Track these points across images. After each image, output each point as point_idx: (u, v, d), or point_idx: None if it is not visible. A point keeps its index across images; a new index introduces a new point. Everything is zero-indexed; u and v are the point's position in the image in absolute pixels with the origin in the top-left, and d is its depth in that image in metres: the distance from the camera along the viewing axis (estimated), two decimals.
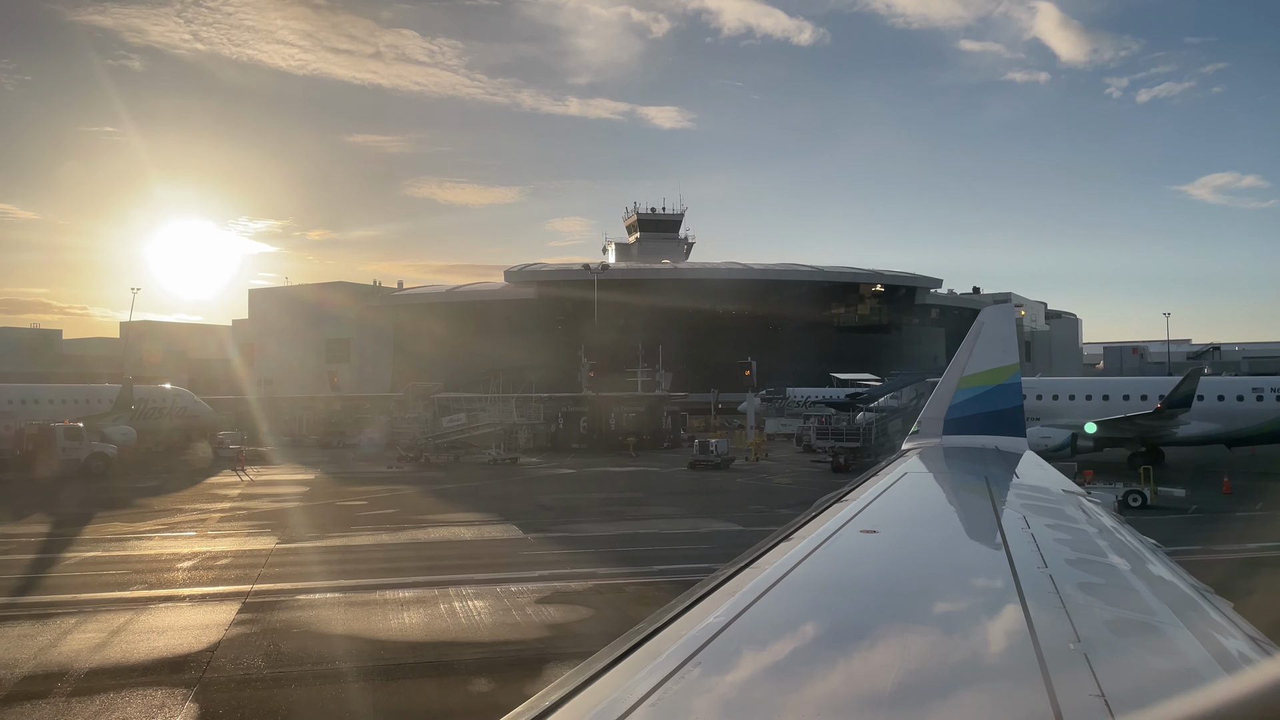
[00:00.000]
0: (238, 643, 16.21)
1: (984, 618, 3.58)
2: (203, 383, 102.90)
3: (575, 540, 27.56)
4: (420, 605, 19.10)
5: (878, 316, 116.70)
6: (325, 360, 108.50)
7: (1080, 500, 6.87)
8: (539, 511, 34.17)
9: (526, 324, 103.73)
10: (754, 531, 29.95)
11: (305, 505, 36.21)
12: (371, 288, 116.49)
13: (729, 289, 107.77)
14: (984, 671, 2.95)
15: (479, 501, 37.08)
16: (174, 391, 64.72)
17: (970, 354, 10.67)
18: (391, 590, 20.53)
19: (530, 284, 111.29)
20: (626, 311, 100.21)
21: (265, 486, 43.34)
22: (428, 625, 17.48)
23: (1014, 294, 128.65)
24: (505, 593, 20.12)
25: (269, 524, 30.76)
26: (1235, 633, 3.46)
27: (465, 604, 19.11)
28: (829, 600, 3.86)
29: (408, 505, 35.98)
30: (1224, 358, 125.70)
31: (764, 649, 3.11)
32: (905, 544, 5.34)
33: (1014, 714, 2.53)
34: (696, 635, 3.05)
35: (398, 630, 17.12)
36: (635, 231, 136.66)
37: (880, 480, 7.39)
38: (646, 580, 21.76)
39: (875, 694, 2.67)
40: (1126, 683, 2.66)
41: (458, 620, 17.82)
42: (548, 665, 14.83)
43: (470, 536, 28.34)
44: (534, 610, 18.60)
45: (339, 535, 28.41)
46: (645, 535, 28.55)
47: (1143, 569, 4.59)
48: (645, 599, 19.94)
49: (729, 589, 3.71)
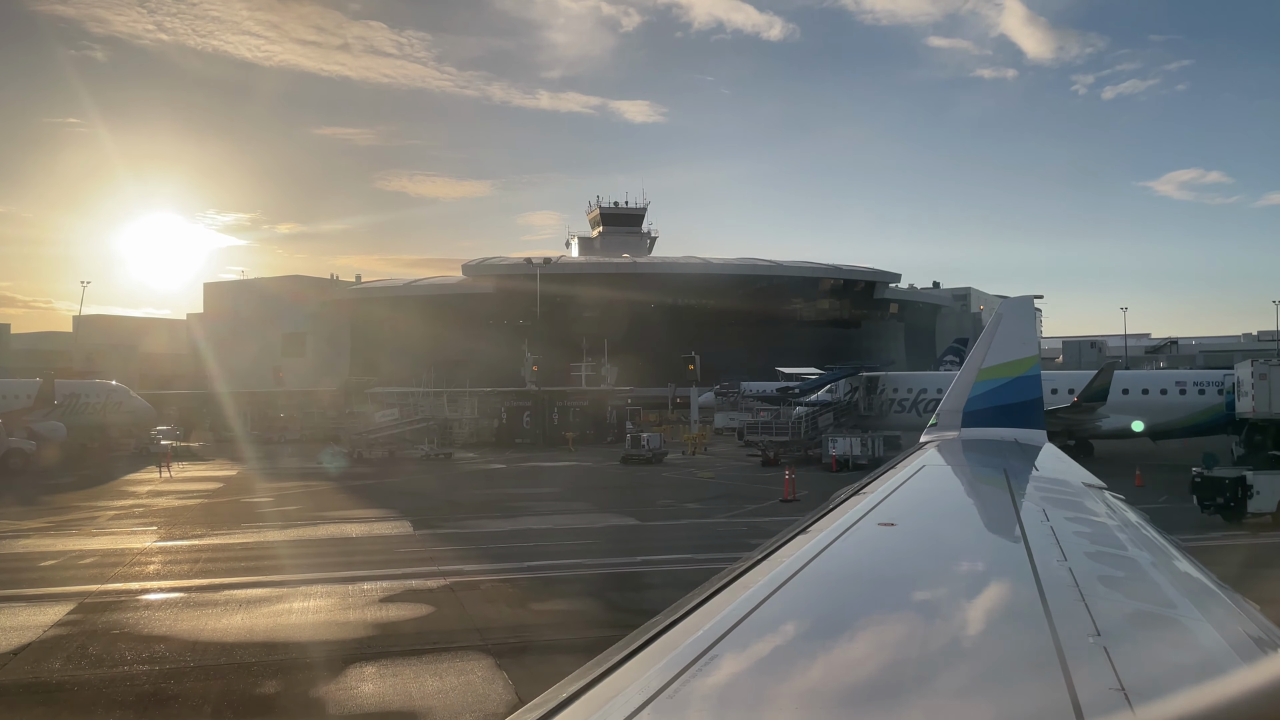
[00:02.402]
0: (47, 645, 15.85)
1: (1002, 611, 3.58)
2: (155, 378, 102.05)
3: (461, 537, 27.32)
4: (259, 605, 18.80)
5: (837, 311, 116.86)
6: (281, 354, 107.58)
7: (1100, 494, 6.81)
8: (444, 507, 33.91)
9: (484, 318, 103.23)
10: (648, 526, 29.89)
11: (208, 502, 35.76)
12: (329, 281, 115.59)
13: (687, 283, 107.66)
14: (1003, 665, 2.93)
15: (388, 498, 36.74)
16: (108, 387, 63.79)
17: (989, 346, 10.48)
18: (241, 590, 20.22)
19: (488, 278, 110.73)
20: (582, 305, 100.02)
21: (180, 484, 42.77)
22: (252, 626, 17.17)
23: (973, 289, 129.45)
24: (355, 591, 19.83)
25: (158, 522, 30.33)
26: (1256, 628, 3.41)
27: (306, 603, 18.83)
28: (847, 593, 3.89)
29: (313, 502, 35.60)
30: (1181, 351, 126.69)
31: (781, 642, 3.12)
32: (923, 537, 5.35)
33: (1033, 707, 2.51)
34: (713, 628, 3.02)
35: (219, 631, 16.80)
36: (598, 225, 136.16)
37: (898, 473, 7.31)
38: (508, 577, 21.51)
39: (893, 687, 2.69)
40: (1146, 676, 2.63)
41: (287, 620, 17.53)
42: (352, 666, 14.58)
43: (356, 534, 28.01)
44: (371, 610, 18.32)
45: (221, 534, 28.01)
46: (535, 531, 28.30)
47: (1163, 563, 4.54)
48: (497, 597, 19.74)
49: (745, 582, 3.72)
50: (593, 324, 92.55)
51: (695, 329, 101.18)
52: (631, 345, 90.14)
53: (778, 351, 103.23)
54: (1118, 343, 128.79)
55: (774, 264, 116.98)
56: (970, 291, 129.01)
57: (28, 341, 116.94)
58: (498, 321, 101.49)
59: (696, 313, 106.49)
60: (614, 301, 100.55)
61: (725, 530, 28.65)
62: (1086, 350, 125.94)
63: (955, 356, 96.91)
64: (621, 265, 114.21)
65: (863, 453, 48.03)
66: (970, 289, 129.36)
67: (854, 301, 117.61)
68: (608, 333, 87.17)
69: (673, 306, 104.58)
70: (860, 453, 48.01)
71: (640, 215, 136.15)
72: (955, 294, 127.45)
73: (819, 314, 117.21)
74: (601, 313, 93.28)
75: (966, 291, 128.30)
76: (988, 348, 10.47)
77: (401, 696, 13.33)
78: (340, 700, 13.20)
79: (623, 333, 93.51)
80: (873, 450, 48.69)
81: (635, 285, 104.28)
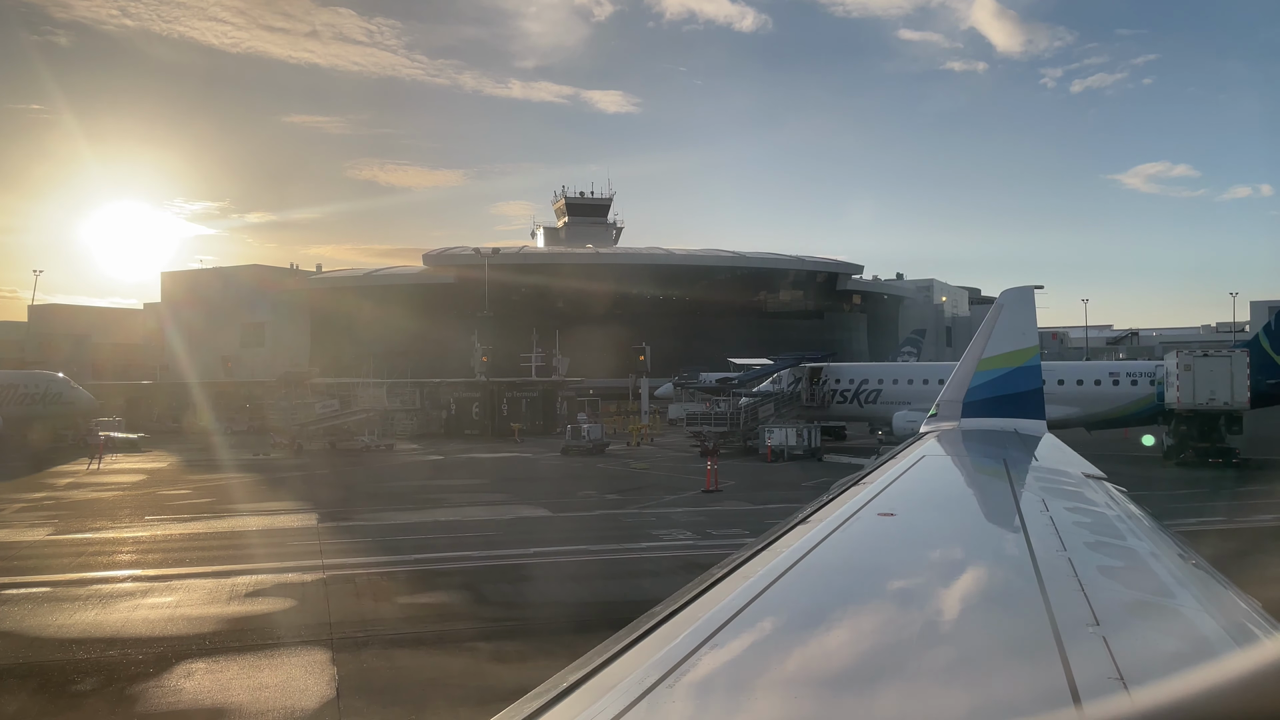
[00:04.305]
0: None
1: (1002, 600, 3.60)
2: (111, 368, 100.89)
3: (362, 529, 27.07)
4: (119, 600, 18.56)
5: (800, 303, 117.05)
6: (240, 345, 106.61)
7: (1100, 485, 6.76)
8: (360, 499, 33.64)
9: (443, 308, 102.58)
10: (558, 518, 29.77)
11: (124, 495, 35.32)
12: (289, 270, 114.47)
13: (648, 274, 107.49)
14: (1002, 654, 2.94)
15: (309, 490, 36.41)
16: (47, 377, 62.90)
17: (989, 336, 10.50)
18: (110, 585, 19.97)
19: (450, 268, 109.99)
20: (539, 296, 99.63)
21: (105, 476, 42.25)
22: (102, 621, 16.92)
23: (936, 280, 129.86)
24: (224, 586, 19.63)
25: (63, 515, 29.90)
26: (1254, 619, 3.41)
27: (167, 598, 18.63)
28: (846, 583, 3.90)
29: (230, 495, 35.29)
30: (1141, 343, 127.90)
31: (781, 632, 3.13)
32: (923, 527, 5.35)
33: (1032, 695, 2.52)
34: (713, 618, 3.04)
35: (65, 627, 16.52)
36: (564, 216, 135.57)
37: (898, 463, 7.34)
38: (389, 570, 21.34)
39: (893, 676, 2.70)
40: (1144, 665, 2.63)
41: (139, 615, 17.30)
42: (182, 663, 14.39)
43: (257, 527, 27.70)
44: (232, 604, 18.13)
45: (120, 527, 27.67)
46: (440, 523, 28.09)
47: (1162, 553, 4.54)
48: (367, 591, 19.58)
49: (745, 572, 3.73)
50: (549, 315, 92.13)
51: (656, 320, 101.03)
52: (592, 336, 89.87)
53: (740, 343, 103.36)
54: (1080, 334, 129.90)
55: (736, 255, 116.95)
56: (933, 283, 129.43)
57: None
58: (458, 311, 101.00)
59: (657, 304, 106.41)
60: (573, 292, 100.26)
61: (632, 522, 28.57)
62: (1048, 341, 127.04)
63: (913, 348, 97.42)
64: (582, 256, 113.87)
65: (798, 443, 48.16)
66: (933, 281, 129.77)
67: (816, 293, 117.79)
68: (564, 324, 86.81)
69: (634, 297, 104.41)
70: (796, 443, 48.13)
71: (606, 206, 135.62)
72: (919, 285, 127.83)
73: (781, 305, 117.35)
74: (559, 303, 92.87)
75: (929, 283, 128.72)
76: (988, 338, 10.51)
77: (217, 693, 13.15)
78: (153, 698, 13.01)
79: (582, 323, 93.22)
80: (809, 441, 48.84)
81: (596, 276, 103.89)
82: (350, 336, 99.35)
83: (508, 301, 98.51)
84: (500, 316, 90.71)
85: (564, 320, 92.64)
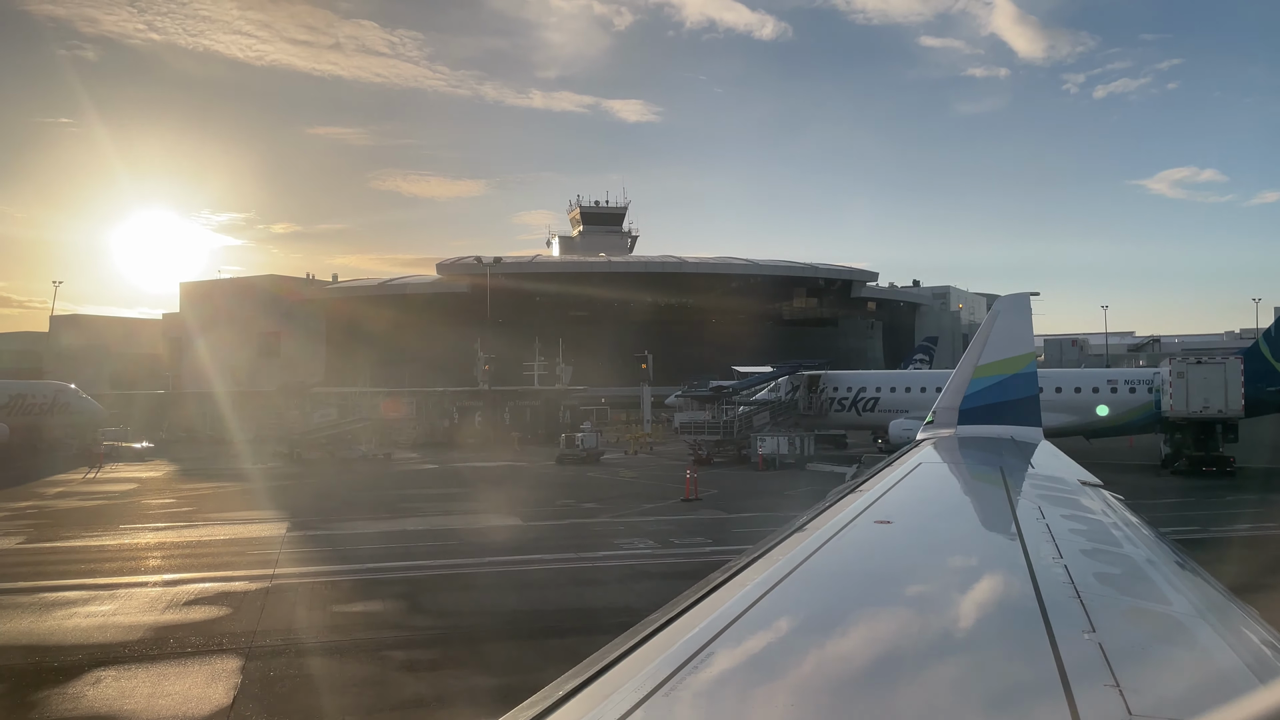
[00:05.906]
0: None
1: (998, 608, 3.60)
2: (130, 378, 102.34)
3: (327, 539, 27.18)
4: (57, 608, 18.71)
5: (814, 310, 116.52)
6: (257, 354, 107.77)
7: (1097, 492, 6.78)
8: (337, 509, 33.81)
9: (457, 317, 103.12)
10: (528, 527, 29.73)
11: (108, 504, 35.73)
12: (304, 280, 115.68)
13: (661, 282, 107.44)
14: (998, 662, 2.94)
15: (291, 499, 36.61)
16: (55, 387, 63.95)
17: (985, 343, 10.46)
18: (55, 593, 20.14)
19: (464, 277, 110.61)
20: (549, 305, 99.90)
21: (98, 484, 42.85)
22: (32, 630, 17.10)
23: (953, 287, 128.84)
24: (167, 594, 19.79)
25: (43, 523, 30.32)
26: (1251, 626, 3.43)
27: (105, 606, 18.78)
28: (843, 591, 3.89)
29: (211, 504, 35.58)
30: (1163, 349, 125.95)
31: (778, 639, 3.12)
32: (919, 535, 5.35)
33: (1028, 704, 2.53)
34: (710, 625, 3.04)
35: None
36: (579, 225, 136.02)
37: (895, 471, 7.33)
38: (335, 579, 21.40)
39: (889, 684, 2.70)
40: (1141, 673, 2.64)
41: (70, 624, 17.43)
42: (94, 670, 14.50)
43: (224, 536, 27.90)
44: (168, 612, 18.25)
45: (91, 536, 27.97)
46: (407, 533, 28.17)
47: (1158, 561, 4.55)
48: (305, 600, 19.64)
49: (742, 580, 3.73)
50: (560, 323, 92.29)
51: (669, 328, 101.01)
52: (603, 345, 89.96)
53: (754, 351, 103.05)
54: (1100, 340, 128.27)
55: (750, 263, 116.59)
56: (950, 290, 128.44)
57: (2, 342, 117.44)
58: (471, 320, 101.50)
59: (671, 312, 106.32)
60: (584, 301, 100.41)
61: (600, 530, 28.53)
62: (1068, 348, 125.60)
63: (924, 355, 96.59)
64: (594, 264, 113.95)
65: (790, 452, 47.87)
66: (950, 287, 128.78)
67: (832, 300, 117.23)
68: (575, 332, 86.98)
69: (646, 305, 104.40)
70: (788, 452, 47.85)
71: (621, 214, 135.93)
72: (935, 292, 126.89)
73: (796, 313, 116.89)
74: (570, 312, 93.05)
75: (946, 290, 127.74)
76: (984, 345, 10.44)
77: (115, 701, 13.23)
78: (50, 705, 13.11)
79: (593, 332, 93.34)
80: (801, 450, 48.53)
81: (608, 284, 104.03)
82: (365, 345, 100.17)
83: (518, 310, 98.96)
84: (510, 325, 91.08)
85: (575, 329, 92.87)
